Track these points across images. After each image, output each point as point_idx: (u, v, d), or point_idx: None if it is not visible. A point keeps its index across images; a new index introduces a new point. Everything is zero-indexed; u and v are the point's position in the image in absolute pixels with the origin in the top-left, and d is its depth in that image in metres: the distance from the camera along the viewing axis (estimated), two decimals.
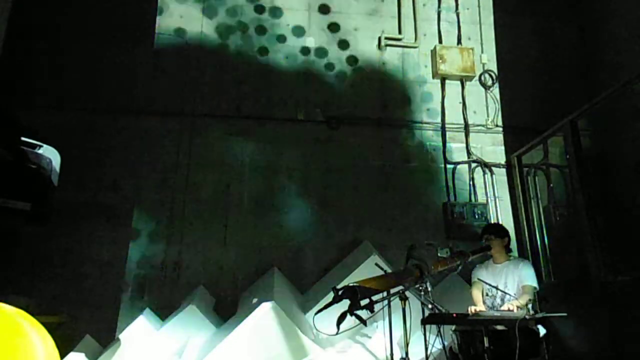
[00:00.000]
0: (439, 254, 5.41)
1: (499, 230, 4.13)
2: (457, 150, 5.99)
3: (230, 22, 6.02)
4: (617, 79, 4.51)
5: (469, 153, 5.97)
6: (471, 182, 5.87)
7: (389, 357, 3.38)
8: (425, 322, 3.29)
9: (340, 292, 2.58)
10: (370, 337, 4.26)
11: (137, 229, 5.22)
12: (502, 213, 5.75)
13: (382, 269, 3.61)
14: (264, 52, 5.99)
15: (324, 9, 6.23)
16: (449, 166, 5.90)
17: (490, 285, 3.83)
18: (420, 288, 3.10)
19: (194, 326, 4.44)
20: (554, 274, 5.26)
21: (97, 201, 5.22)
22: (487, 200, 5.80)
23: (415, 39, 6.28)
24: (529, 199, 5.69)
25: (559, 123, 5.02)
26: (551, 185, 5.79)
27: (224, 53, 5.92)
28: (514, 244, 4.15)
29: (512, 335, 3.02)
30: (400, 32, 6.28)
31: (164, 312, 4.91)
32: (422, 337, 3.24)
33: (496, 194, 5.83)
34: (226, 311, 4.94)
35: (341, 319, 2.51)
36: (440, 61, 6.08)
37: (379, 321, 3.81)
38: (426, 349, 3.19)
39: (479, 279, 4.02)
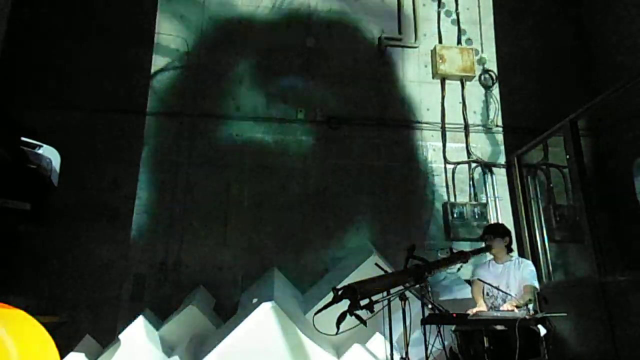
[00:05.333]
0: (439, 254, 5.41)
1: (500, 230, 4.12)
2: (457, 150, 5.98)
3: (231, 22, 6.02)
4: (617, 79, 4.50)
5: (469, 153, 5.97)
6: (471, 182, 5.87)
7: (389, 357, 3.38)
8: (425, 322, 3.28)
9: (340, 292, 2.58)
10: (370, 337, 4.25)
11: (137, 229, 5.22)
12: (502, 213, 5.75)
13: (382, 269, 3.61)
14: (264, 51, 5.98)
15: (324, 9, 6.22)
16: (449, 166, 5.90)
17: (490, 285, 3.82)
18: (420, 288, 3.09)
19: (194, 326, 4.44)
20: (554, 274, 5.26)
21: (97, 201, 5.22)
22: (487, 200, 5.80)
23: (415, 39, 6.28)
24: (529, 199, 5.69)
25: (559, 123, 5.02)
26: (551, 185, 5.79)
27: (223, 53, 5.92)
28: (514, 244, 4.13)
29: (512, 335, 3.02)
30: (400, 32, 6.28)
31: (164, 312, 4.91)
32: (422, 337, 3.23)
33: (496, 194, 5.83)
34: (226, 311, 4.94)
35: (341, 319, 2.51)
36: (440, 61, 6.08)
37: (379, 321, 3.80)
38: (426, 349, 3.19)
39: (478, 279, 4.02)
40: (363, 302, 2.55)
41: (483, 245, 4.06)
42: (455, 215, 5.59)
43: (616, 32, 6.01)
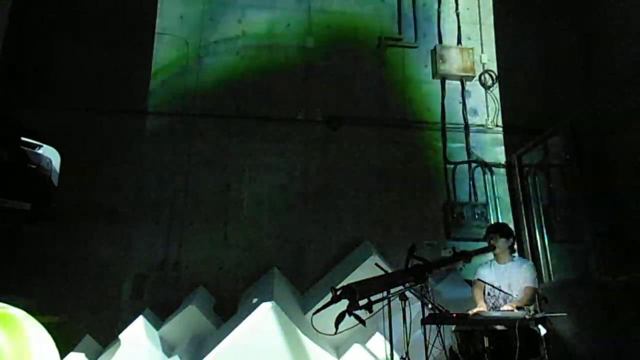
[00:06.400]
0: (441, 254, 5.41)
1: (504, 230, 4.11)
2: (457, 150, 5.98)
3: (231, 22, 6.02)
4: (617, 79, 4.50)
5: (469, 153, 5.97)
6: (471, 182, 5.87)
7: (389, 357, 3.38)
8: (425, 322, 3.28)
9: (338, 292, 2.58)
10: (370, 337, 4.25)
11: (137, 228, 5.22)
12: (502, 213, 5.75)
13: (382, 269, 3.61)
14: (264, 51, 5.98)
15: (324, 9, 6.22)
16: (449, 166, 5.90)
17: (491, 285, 3.82)
18: (421, 288, 3.09)
19: (194, 326, 4.45)
20: (554, 274, 5.26)
21: (97, 201, 5.22)
22: (487, 200, 5.80)
23: (415, 39, 6.28)
24: (529, 199, 5.68)
25: (559, 123, 5.01)
26: (551, 185, 5.79)
27: (224, 53, 5.92)
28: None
29: (512, 335, 3.02)
30: (400, 32, 6.28)
31: (164, 312, 4.91)
32: (422, 337, 3.23)
33: (496, 194, 5.83)
34: (226, 311, 4.94)
35: (340, 319, 2.51)
36: (440, 61, 6.08)
37: (379, 321, 3.81)
38: (426, 349, 3.19)
39: (479, 279, 4.02)
40: (362, 302, 2.55)
41: (485, 245, 4.06)
42: (455, 215, 5.59)
43: (616, 31, 6.00)
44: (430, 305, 3.19)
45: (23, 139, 3.86)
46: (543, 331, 3.46)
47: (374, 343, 4.18)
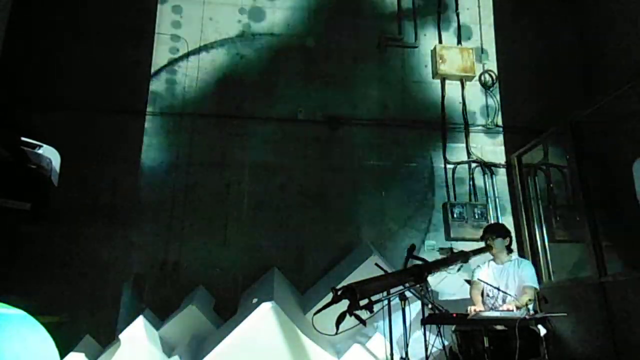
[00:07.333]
0: (439, 254, 5.41)
1: (501, 230, 4.12)
2: (457, 150, 5.98)
3: (230, 22, 6.02)
4: (617, 79, 4.50)
5: (469, 153, 5.97)
6: (471, 182, 5.87)
7: (389, 357, 3.38)
8: (425, 322, 3.29)
9: (339, 293, 2.58)
10: (370, 337, 4.26)
11: (136, 229, 5.22)
12: (502, 213, 5.75)
13: (382, 269, 3.61)
14: (263, 51, 5.98)
15: (324, 9, 6.22)
16: (449, 166, 5.90)
17: (490, 285, 3.83)
18: (420, 288, 3.10)
19: (194, 326, 4.45)
20: (554, 274, 5.26)
21: (97, 201, 5.22)
22: (487, 200, 5.80)
23: (415, 39, 6.28)
24: (529, 199, 5.69)
25: (559, 123, 5.02)
26: (551, 185, 5.79)
27: (223, 52, 5.92)
28: (514, 244, 4.13)
29: (512, 335, 3.02)
30: (400, 32, 6.28)
31: (164, 312, 4.91)
32: (422, 337, 3.24)
33: (496, 194, 5.83)
34: (226, 311, 4.94)
35: (340, 319, 2.51)
36: (440, 61, 6.08)
37: (379, 321, 3.81)
38: (426, 349, 3.19)
39: (478, 279, 4.02)
40: (362, 303, 2.55)
41: (483, 245, 4.07)
42: (455, 215, 5.58)
43: (616, 32, 6.00)
44: (430, 305, 3.20)
45: (23, 139, 3.86)
46: (543, 331, 3.46)
47: (374, 343, 4.18)
